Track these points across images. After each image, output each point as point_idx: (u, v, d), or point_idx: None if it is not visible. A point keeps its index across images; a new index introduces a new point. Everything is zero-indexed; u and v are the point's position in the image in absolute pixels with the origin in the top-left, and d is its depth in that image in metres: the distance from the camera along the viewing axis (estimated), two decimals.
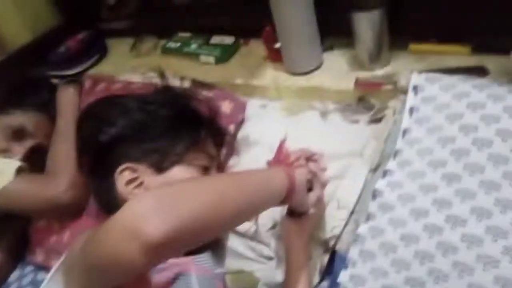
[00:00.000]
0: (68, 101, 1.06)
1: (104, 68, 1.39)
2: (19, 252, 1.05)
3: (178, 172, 0.76)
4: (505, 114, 0.74)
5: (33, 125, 1.03)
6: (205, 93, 1.04)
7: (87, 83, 1.19)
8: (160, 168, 0.75)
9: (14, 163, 0.91)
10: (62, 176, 0.90)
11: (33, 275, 1.03)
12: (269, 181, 0.65)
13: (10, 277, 1.04)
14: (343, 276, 0.78)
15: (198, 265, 0.71)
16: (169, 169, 0.76)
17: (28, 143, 1.02)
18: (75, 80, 1.19)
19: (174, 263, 0.69)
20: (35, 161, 0.99)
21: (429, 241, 0.72)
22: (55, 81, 1.22)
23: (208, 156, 0.82)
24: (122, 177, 0.74)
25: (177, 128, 0.78)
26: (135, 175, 0.74)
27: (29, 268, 1.06)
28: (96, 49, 1.43)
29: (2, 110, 1.04)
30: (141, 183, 0.74)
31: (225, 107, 1.02)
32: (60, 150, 0.96)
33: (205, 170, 0.80)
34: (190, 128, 0.80)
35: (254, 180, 0.63)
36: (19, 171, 0.90)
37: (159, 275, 0.63)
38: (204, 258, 0.75)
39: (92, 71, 1.38)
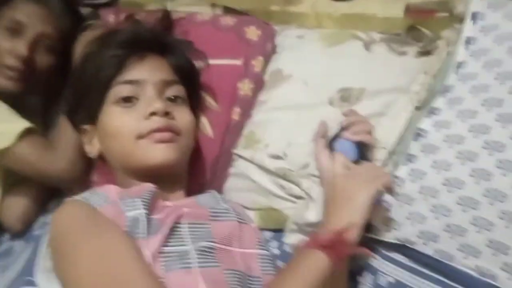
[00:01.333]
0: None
1: None
2: (45, 201, 1.02)
3: (102, 119, 0.75)
4: None
5: (24, 15, 0.97)
6: (228, 19, 0.97)
7: (111, 17, 1.11)
8: (93, 121, 0.77)
9: (20, 125, 0.88)
10: (61, 153, 0.87)
11: None
12: (317, 278, 0.58)
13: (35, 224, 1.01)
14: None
15: (193, 210, 0.69)
16: (97, 119, 0.76)
17: (28, 34, 0.96)
18: (91, 24, 1.06)
19: (171, 210, 0.67)
20: (48, 51, 0.98)
21: (476, 187, 0.66)
22: (87, 10, 1.17)
23: (130, 84, 0.74)
24: (83, 139, 0.81)
25: (88, 73, 0.78)
26: (87, 135, 0.79)
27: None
28: None
29: None
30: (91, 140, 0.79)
31: (252, 33, 0.94)
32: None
33: (127, 100, 0.74)
34: (102, 64, 0.76)
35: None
36: (26, 133, 0.87)
37: (155, 236, 0.62)
38: (206, 198, 0.74)
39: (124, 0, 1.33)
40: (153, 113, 0.71)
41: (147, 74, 0.75)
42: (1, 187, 0.97)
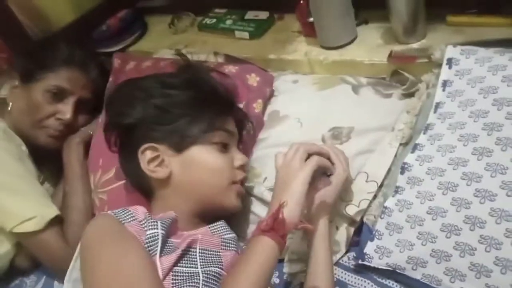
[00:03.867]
0: (74, 156, 1.04)
1: (144, 45, 1.44)
2: None
3: (196, 152, 0.80)
4: None
5: (67, 81, 1.05)
6: (231, 67, 1.06)
7: (116, 62, 1.21)
8: (179, 148, 0.80)
9: (50, 211, 0.92)
10: (73, 243, 0.87)
11: None
12: (266, 260, 0.65)
13: None
14: (369, 247, 0.79)
15: (207, 238, 0.75)
16: (187, 149, 0.79)
17: (71, 100, 1.05)
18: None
19: (187, 236, 0.73)
20: (86, 112, 1.08)
21: (457, 214, 0.72)
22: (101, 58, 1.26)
23: (227, 133, 0.83)
24: (144, 156, 0.80)
25: (195, 109, 0.81)
26: (156, 153, 0.79)
27: None
28: (136, 27, 1.48)
29: (34, 79, 1.05)
30: (162, 162, 0.79)
31: (252, 80, 1.02)
32: (74, 211, 0.97)
33: (224, 146, 0.82)
34: (208, 108, 0.81)
35: (256, 272, 0.64)
36: (54, 221, 0.92)
37: (169, 256, 0.67)
38: (218, 227, 0.78)
39: (133, 48, 1.43)
40: (241, 166, 0.83)
41: (235, 128, 0.87)
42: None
